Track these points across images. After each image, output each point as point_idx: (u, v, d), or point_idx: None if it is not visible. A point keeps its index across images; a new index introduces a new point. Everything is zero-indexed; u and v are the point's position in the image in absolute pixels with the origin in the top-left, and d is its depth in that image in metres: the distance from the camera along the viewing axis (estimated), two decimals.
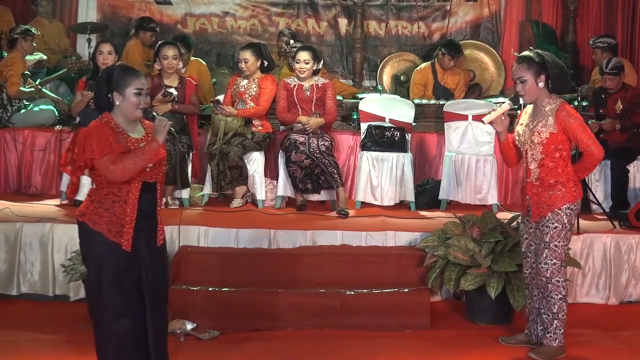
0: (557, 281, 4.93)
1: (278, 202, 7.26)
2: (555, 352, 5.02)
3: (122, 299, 4.03)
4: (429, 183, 7.62)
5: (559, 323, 4.98)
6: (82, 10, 10.08)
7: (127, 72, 4.09)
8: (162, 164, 4.15)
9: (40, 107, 8.00)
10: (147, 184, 4.07)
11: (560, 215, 4.86)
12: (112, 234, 4.00)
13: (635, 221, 6.58)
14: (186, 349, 5.23)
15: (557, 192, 4.86)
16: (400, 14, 10.31)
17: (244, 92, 7.28)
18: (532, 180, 4.95)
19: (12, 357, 5.05)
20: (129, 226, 4.01)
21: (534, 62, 4.87)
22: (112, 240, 4.00)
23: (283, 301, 5.71)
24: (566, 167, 4.90)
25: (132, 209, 4.01)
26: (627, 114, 7.20)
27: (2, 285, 6.22)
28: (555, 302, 4.95)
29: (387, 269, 6.06)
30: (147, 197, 4.07)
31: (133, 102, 4.04)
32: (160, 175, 4.15)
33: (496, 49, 9.94)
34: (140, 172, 4.00)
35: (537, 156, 4.90)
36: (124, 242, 4.00)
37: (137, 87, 4.04)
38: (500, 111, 4.91)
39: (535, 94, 4.89)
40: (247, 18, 10.29)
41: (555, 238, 4.88)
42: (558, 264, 4.92)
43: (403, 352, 5.27)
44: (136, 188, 4.03)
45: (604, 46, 8.07)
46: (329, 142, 7.16)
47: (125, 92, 4.03)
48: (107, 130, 4.00)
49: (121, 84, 4.03)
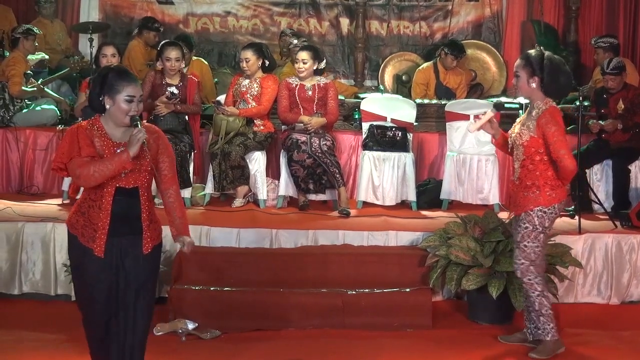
0: (529, 280, 5.02)
1: (280, 201, 7.26)
2: (553, 347, 5.09)
3: (94, 306, 3.98)
4: (430, 183, 7.63)
5: (544, 319, 5.07)
6: (84, 9, 10.08)
7: (121, 77, 3.94)
8: (144, 171, 3.97)
9: (42, 107, 8.01)
10: (124, 190, 3.93)
11: (531, 217, 4.94)
12: (86, 238, 3.93)
13: (637, 221, 6.57)
14: (188, 348, 5.24)
15: (530, 194, 4.94)
16: (402, 13, 10.30)
17: (246, 92, 7.28)
18: (514, 179, 5.07)
19: (13, 356, 5.06)
20: (102, 232, 3.91)
21: (530, 63, 4.93)
22: (85, 245, 3.93)
23: (285, 301, 5.71)
24: (546, 171, 4.94)
25: (106, 214, 3.91)
26: (629, 113, 7.19)
27: (4, 285, 6.23)
28: (535, 299, 5.04)
29: (389, 268, 6.06)
30: (124, 203, 3.93)
31: (122, 109, 3.91)
32: (143, 181, 3.98)
33: (498, 48, 9.93)
34: (111, 178, 3.88)
35: (520, 157, 5.00)
36: (97, 247, 3.91)
37: (129, 94, 3.90)
38: (484, 120, 5.03)
39: (526, 92, 4.99)
40: (249, 18, 10.28)
41: (525, 238, 4.96)
42: (527, 264, 4.98)
43: (405, 351, 5.27)
44: (109, 193, 3.91)
45: (606, 46, 8.06)
46: (330, 141, 7.16)
47: (115, 98, 3.90)
48: (81, 134, 3.91)
49: (113, 88, 3.90)
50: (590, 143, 7.38)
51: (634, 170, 7.41)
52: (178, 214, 4.14)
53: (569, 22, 9.65)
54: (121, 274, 3.96)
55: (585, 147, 7.18)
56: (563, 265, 5.82)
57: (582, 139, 7.00)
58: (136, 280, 3.99)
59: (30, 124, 7.89)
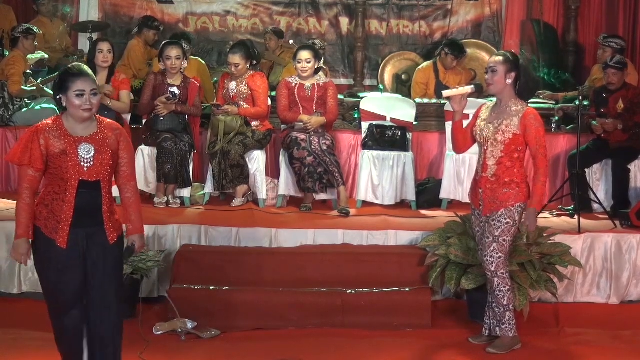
0: (502, 274, 5.10)
1: (279, 201, 7.26)
2: (511, 343, 5.18)
3: (61, 297, 4.08)
4: (430, 182, 7.63)
5: (510, 314, 5.15)
6: (83, 9, 10.08)
7: (71, 74, 4.07)
8: (105, 164, 4.08)
9: (42, 106, 8.00)
10: (87, 183, 4.04)
11: (512, 213, 5.04)
12: (48, 230, 4.04)
13: (637, 220, 6.57)
14: (187, 348, 5.25)
15: (511, 191, 5.04)
16: (402, 13, 10.30)
17: (236, 96, 7.26)
18: (487, 175, 5.10)
19: (13, 355, 5.07)
20: (65, 223, 4.01)
21: (509, 60, 5.10)
22: (47, 236, 4.04)
23: (284, 300, 5.72)
24: (521, 169, 5.11)
25: (69, 206, 4.02)
26: (629, 113, 7.18)
27: (3, 284, 6.23)
28: (504, 294, 5.11)
29: (388, 268, 6.06)
30: (87, 195, 4.04)
31: (74, 104, 4.03)
32: (105, 175, 4.08)
33: (498, 48, 9.91)
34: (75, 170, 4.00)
35: (496, 154, 5.07)
36: (59, 238, 4.01)
37: (78, 88, 4.02)
38: (462, 91, 5.17)
39: (500, 87, 5.08)
40: (249, 17, 10.29)
41: (505, 233, 5.05)
42: (503, 257, 5.09)
43: (404, 351, 5.27)
44: (72, 187, 4.02)
45: (617, 48, 7.98)
46: (330, 141, 7.16)
47: (67, 94, 4.04)
48: (35, 140, 4.02)
49: (64, 86, 4.05)
50: (590, 143, 7.38)
51: (633, 170, 7.41)
52: (134, 210, 4.27)
53: (568, 21, 9.64)
54: (88, 264, 4.07)
55: (584, 147, 7.18)
56: (562, 265, 5.82)
57: (582, 139, 7.01)
58: (103, 270, 4.10)
59: (30, 123, 7.71)
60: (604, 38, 8.22)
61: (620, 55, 7.82)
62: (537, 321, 5.76)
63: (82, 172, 4.02)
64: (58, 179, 4.04)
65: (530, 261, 5.64)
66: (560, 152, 7.75)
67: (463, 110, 5.21)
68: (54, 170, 4.04)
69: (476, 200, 5.20)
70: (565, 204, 7.38)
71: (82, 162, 4.02)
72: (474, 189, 5.25)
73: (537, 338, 5.49)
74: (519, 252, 5.61)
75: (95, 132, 4.11)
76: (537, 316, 5.81)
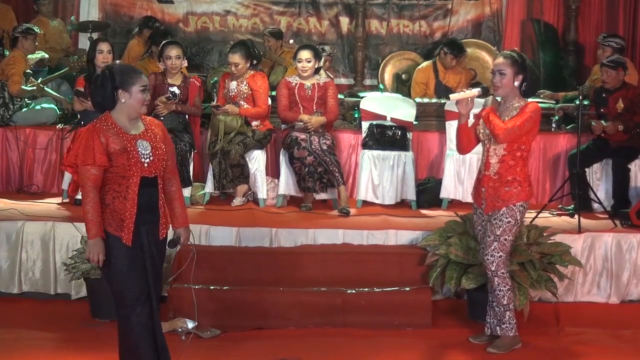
0: (503, 273, 5.10)
1: (279, 200, 7.26)
2: (511, 342, 5.18)
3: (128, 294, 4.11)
4: (430, 182, 7.62)
5: (511, 313, 5.15)
6: (83, 8, 10.09)
7: (132, 70, 4.20)
8: (161, 159, 4.17)
9: (42, 106, 8.01)
10: (147, 179, 4.11)
11: (514, 211, 5.05)
12: (113, 227, 4.08)
13: (637, 220, 6.57)
14: (188, 347, 5.23)
15: (513, 190, 5.05)
16: (402, 12, 10.31)
17: (236, 96, 7.25)
18: (490, 174, 5.11)
19: (13, 355, 5.07)
20: (129, 221, 4.08)
21: (517, 62, 5.07)
22: (112, 234, 4.08)
23: (284, 300, 5.72)
24: (524, 167, 5.11)
25: (132, 204, 4.08)
26: (629, 113, 7.17)
27: (3, 284, 6.24)
28: (505, 293, 5.11)
29: (389, 267, 6.06)
30: (147, 192, 4.13)
31: (139, 99, 4.12)
32: (160, 170, 4.18)
33: (498, 47, 9.92)
34: (137, 167, 4.06)
35: (499, 152, 5.08)
36: (125, 236, 4.07)
37: (143, 84, 4.13)
38: (469, 94, 5.15)
39: (508, 90, 5.08)
40: (249, 17, 10.29)
41: (506, 232, 5.06)
42: (504, 257, 5.09)
43: (404, 350, 5.27)
44: (135, 184, 4.08)
45: (617, 47, 7.97)
46: (330, 140, 7.16)
47: (131, 90, 4.10)
48: (96, 138, 4.04)
49: (127, 81, 4.10)
50: (590, 142, 7.38)
51: (633, 170, 7.41)
52: (180, 203, 4.38)
53: (568, 21, 9.64)
54: (148, 260, 4.16)
55: (585, 146, 7.18)
56: (563, 265, 5.82)
57: (582, 138, 7.01)
58: (156, 265, 4.23)
59: (30, 123, 7.89)
60: (604, 37, 8.20)
61: (620, 54, 7.82)
62: (537, 321, 5.76)
63: (143, 169, 4.09)
64: (119, 177, 4.07)
65: (530, 261, 5.64)
66: (560, 151, 7.75)
67: (468, 114, 5.20)
68: (113, 168, 4.07)
69: (479, 199, 5.20)
70: (565, 203, 7.38)
71: (142, 159, 4.09)
72: (476, 188, 5.25)
73: (537, 337, 5.49)
74: (519, 252, 5.61)
75: (145, 129, 4.19)
76: (537, 316, 5.81)
